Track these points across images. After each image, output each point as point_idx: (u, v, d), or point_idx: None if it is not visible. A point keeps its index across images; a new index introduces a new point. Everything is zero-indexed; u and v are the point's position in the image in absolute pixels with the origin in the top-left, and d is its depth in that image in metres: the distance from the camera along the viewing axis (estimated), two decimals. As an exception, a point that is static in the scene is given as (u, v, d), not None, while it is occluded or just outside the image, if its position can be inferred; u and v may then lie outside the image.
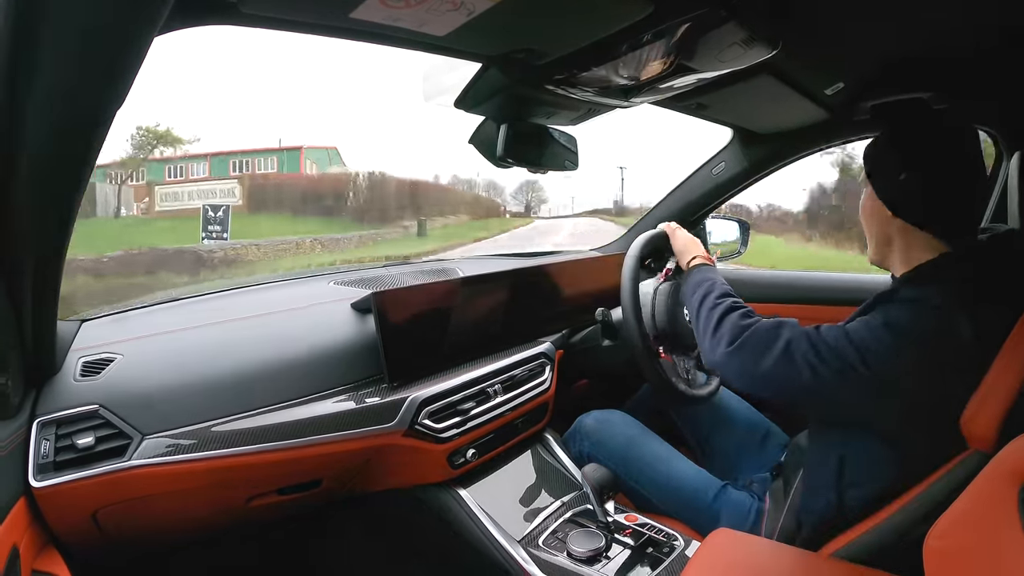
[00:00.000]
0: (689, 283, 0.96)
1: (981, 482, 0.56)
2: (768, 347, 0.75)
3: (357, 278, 1.21)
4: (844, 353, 0.71)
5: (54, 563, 0.69)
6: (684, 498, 1.00)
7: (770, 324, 0.78)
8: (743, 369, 0.78)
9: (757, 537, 0.85)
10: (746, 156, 1.50)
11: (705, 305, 0.87)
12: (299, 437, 0.83)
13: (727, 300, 0.86)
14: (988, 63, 0.92)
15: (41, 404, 0.71)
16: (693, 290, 0.93)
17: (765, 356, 0.75)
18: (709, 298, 0.88)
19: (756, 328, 0.79)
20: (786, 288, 1.59)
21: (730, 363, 0.79)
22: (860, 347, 0.70)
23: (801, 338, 0.74)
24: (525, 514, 1.00)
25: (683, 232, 1.09)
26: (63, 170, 0.50)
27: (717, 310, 0.84)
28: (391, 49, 0.72)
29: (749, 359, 0.77)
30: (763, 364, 0.75)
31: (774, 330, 0.77)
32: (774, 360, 0.74)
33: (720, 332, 0.81)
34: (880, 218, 0.80)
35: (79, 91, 0.44)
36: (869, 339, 0.70)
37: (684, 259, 1.04)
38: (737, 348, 0.78)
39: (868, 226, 0.84)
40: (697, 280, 0.94)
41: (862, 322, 0.74)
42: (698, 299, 0.90)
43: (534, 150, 1.03)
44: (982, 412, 0.66)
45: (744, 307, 0.85)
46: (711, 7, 0.66)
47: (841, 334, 0.73)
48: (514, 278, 1.21)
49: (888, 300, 0.75)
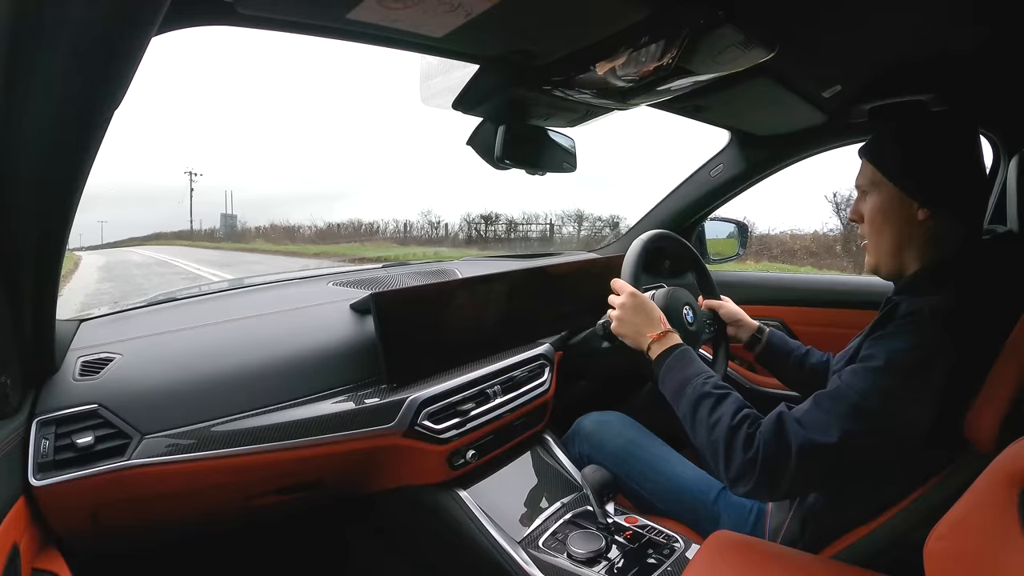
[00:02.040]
0: (664, 383, 0.85)
1: (981, 485, 0.56)
2: (785, 457, 0.69)
3: (356, 279, 1.21)
4: (856, 408, 0.68)
5: (54, 562, 0.69)
6: (684, 499, 1.00)
7: (771, 434, 0.71)
8: (773, 493, 0.72)
9: (758, 539, 0.85)
10: (744, 158, 1.51)
11: (699, 424, 0.78)
12: (298, 437, 0.83)
13: (719, 413, 0.76)
14: (985, 65, 0.93)
15: (40, 403, 0.72)
16: (673, 395, 0.83)
17: (785, 468, 0.69)
18: (701, 413, 0.78)
19: (764, 451, 0.70)
20: (783, 289, 1.59)
21: (757, 494, 0.73)
22: (865, 396, 0.68)
23: (811, 413, 0.70)
24: (525, 515, 1.00)
25: (634, 300, 0.93)
26: (61, 170, 0.51)
27: (716, 432, 0.75)
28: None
29: (774, 482, 0.70)
30: (785, 475, 0.69)
31: (778, 439, 0.70)
32: (794, 467, 0.69)
33: (731, 464, 0.73)
34: (900, 220, 0.77)
35: (76, 91, 0.44)
36: (870, 388, 0.68)
37: (639, 341, 0.90)
38: (756, 483, 0.71)
39: (882, 231, 0.79)
40: (674, 383, 0.83)
41: (861, 374, 0.70)
42: (686, 411, 0.81)
43: (532, 152, 1.04)
44: (982, 414, 0.66)
45: (737, 410, 0.75)
46: (709, 9, 0.67)
47: (847, 393, 0.69)
48: (513, 279, 1.21)
49: (888, 319, 0.73)
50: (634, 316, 0.92)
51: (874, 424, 0.67)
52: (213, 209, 52.41)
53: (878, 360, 0.69)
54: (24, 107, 0.44)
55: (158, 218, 65.34)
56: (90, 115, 0.47)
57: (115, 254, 29.43)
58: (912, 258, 0.78)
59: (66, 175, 0.51)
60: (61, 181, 0.52)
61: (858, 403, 0.68)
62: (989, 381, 0.67)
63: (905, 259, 0.79)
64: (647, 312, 0.92)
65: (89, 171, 0.52)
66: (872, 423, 0.67)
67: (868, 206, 0.80)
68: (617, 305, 0.94)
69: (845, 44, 0.89)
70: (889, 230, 0.79)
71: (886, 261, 0.80)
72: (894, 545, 0.72)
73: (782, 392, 1.46)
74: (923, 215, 0.75)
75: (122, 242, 37.60)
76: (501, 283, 1.18)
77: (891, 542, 0.72)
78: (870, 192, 0.80)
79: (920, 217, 0.75)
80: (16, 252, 0.56)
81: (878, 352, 0.70)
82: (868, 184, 0.80)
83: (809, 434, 0.69)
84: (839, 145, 1.40)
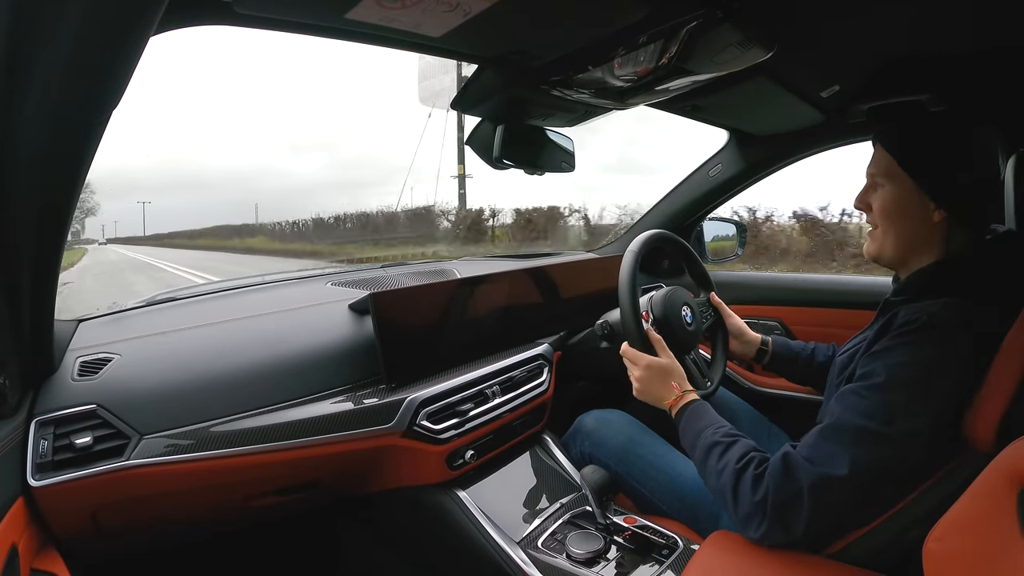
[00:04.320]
0: (683, 438, 0.87)
1: (980, 484, 0.56)
2: (797, 497, 0.68)
3: (355, 279, 1.21)
4: (864, 432, 0.67)
5: (53, 562, 0.69)
6: (685, 499, 1.00)
7: (779, 475, 0.70)
8: (788, 534, 0.70)
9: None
10: (742, 158, 1.51)
11: (710, 472, 0.79)
12: (297, 438, 0.83)
13: (726, 458, 0.76)
14: (984, 64, 0.93)
15: (39, 404, 0.72)
16: (690, 449, 0.85)
17: (798, 508, 0.68)
18: (711, 460, 0.78)
19: (774, 493, 0.69)
20: (782, 289, 1.59)
21: (770, 537, 0.71)
22: (870, 417, 0.67)
23: (816, 448, 0.69)
24: (524, 516, 1.00)
25: (649, 372, 0.94)
26: (59, 170, 0.51)
27: (723, 477, 0.75)
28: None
29: (786, 524, 0.69)
30: (799, 516, 0.68)
31: (788, 479, 0.69)
32: (808, 506, 0.67)
33: (739, 507, 0.73)
34: (915, 217, 0.75)
35: (75, 91, 0.44)
36: (875, 408, 0.67)
37: (660, 406, 0.93)
38: (768, 526, 0.70)
39: (893, 224, 0.78)
40: (689, 437, 0.84)
41: (863, 394, 0.69)
42: (699, 461, 0.82)
43: (531, 151, 1.04)
44: (981, 413, 0.66)
45: (744, 454, 0.75)
46: (707, 9, 0.67)
47: (851, 418, 0.68)
48: (512, 279, 1.21)
49: (886, 331, 0.72)
50: (650, 386, 0.94)
51: (883, 444, 0.66)
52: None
53: (879, 377, 0.68)
54: (22, 107, 0.44)
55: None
56: (88, 115, 0.46)
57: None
58: (917, 255, 0.77)
59: (64, 175, 0.51)
60: (59, 181, 0.52)
61: (865, 426, 0.67)
62: (988, 380, 0.67)
63: (910, 255, 0.78)
64: (661, 380, 0.93)
65: (87, 171, 0.52)
66: (881, 443, 0.66)
67: (880, 197, 0.79)
68: (635, 378, 0.96)
69: (843, 44, 0.89)
70: (901, 225, 0.77)
71: (890, 254, 0.80)
72: (894, 545, 0.71)
73: (782, 392, 1.46)
74: (939, 216, 0.74)
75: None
76: (500, 283, 1.18)
77: (891, 542, 0.72)
78: (884, 183, 0.78)
79: (936, 219, 0.74)
80: (14, 253, 0.56)
81: (878, 368, 0.69)
82: (883, 175, 0.78)
83: (819, 468, 0.68)
84: (838, 145, 1.40)
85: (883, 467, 0.67)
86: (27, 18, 0.39)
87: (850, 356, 0.79)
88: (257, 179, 53.83)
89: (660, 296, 1.07)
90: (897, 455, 0.67)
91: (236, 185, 50.63)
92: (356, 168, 75.36)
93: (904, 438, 0.66)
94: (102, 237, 66.18)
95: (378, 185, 69.08)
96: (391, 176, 77.13)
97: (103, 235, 69.83)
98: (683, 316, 1.06)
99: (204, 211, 54.36)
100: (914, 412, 0.66)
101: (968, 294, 0.71)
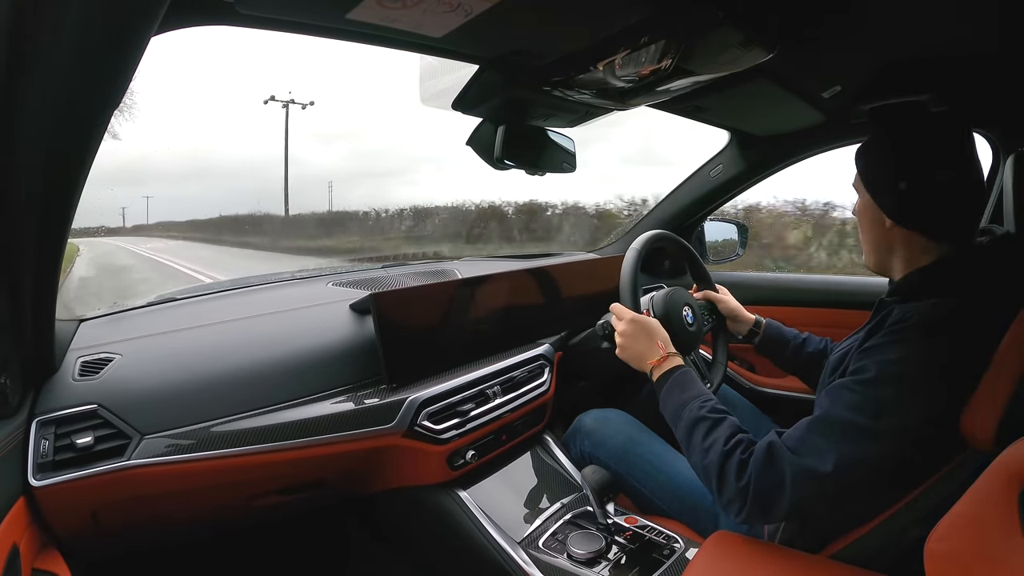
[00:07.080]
0: (664, 405, 0.86)
1: (981, 484, 0.56)
2: (778, 488, 0.68)
3: (356, 279, 1.21)
4: (851, 426, 0.67)
5: (54, 562, 0.69)
6: (684, 498, 1.00)
7: (762, 464, 0.70)
8: (767, 518, 0.71)
9: (757, 539, 0.85)
10: (744, 159, 1.51)
11: (694, 448, 0.78)
12: (298, 438, 0.83)
13: (713, 438, 0.76)
14: (984, 65, 0.93)
15: (40, 404, 0.72)
16: (671, 418, 0.84)
17: (778, 499, 0.68)
18: (696, 436, 0.78)
19: (756, 481, 0.70)
20: (782, 290, 1.59)
21: (750, 520, 0.72)
22: (858, 411, 0.67)
23: (801, 440, 0.70)
24: (525, 516, 1.00)
25: (634, 327, 0.93)
26: (60, 170, 0.51)
27: (709, 457, 0.75)
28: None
29: (765, 510, 0.70)
30: (778, 505, 0.68)
31: (771, 469, 0.69)
32: (789, 496, 0.68)
33: (723, 490, 0.73)
34: (880, 225, 0.78)
35: (76, 91, 0.44)
36: (864, 402, 0.68)
37: (642, 366, 0.91)
38: (749, 511, 0.70)
39: (866, 232, 0.82)
40: (672, 406, 0.84)
41: (852, 388, 0.69)
42: (682, 434, 0.81)
43: (532, 152, 1.04)
44: (980, 413, 0.66)
45: (731, 436, 0.75)
46: (708, 10, 0.67)
47: (839, 412, 0.69)
48: (513, 280, 1.21)
49: (878, 329, 0.72)
50: (634, 342, 0.93)
51: (869, 438, 0.67)
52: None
53: (869, 372, 0.69)
54: (23, 107, 0.44)
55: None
56: (89, 115, 0.47)
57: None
58: (896, 260, 0.79)
59: (65, 175, 0.51)
60: (60, 181, 0.52)
61: (852, 420, 0.67)
62: (987, 380, 0.67)
63: (888, 261, 0.81)
64: (647, 337, 0.93)
65: (88, 171, 0.52)
66: (867, 438, 0.67)
67: (856, 206, 0.84)
68: (619, 332, 0.96)
69: (845, 45, 0.89)
70: (868, 232, 0.82)
71: (871, 259, 0.83)
72: (894, 545, 0.71)
73: (782, 392, 1.46)
74: (889, 224, 0.77)
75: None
76: (501, 283, 1.18)
77: (891, 542, 0.72)
78: (858, 193, 0.83)
79: (887, 226, 0.77)
80: (16, 253, 0.56)
81: (869, 364, 0.70)
82: (855, 184, 0.83)
83: (803, 460, 0.68)
84: (839, 145, 1.40)
85: (868, 463, 0.67)
86: (28, 18, 0.39)
87: (843, 354, 0.80)
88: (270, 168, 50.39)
89: (661, 296, 1.07)
90: (884, 451, 0.67)
91: (257, 174, 48.27)
92: (377, 158, 74.33)
93: (891, 434, 0.67)
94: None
95: (399, 175, 68.14)
96: (414, 165, 76.28)
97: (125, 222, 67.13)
98: (684, 316, 1.06)
99: (223, 200, 50.97)
100: (902, 408, 0.67)
101: (962, 295, 0.71)
